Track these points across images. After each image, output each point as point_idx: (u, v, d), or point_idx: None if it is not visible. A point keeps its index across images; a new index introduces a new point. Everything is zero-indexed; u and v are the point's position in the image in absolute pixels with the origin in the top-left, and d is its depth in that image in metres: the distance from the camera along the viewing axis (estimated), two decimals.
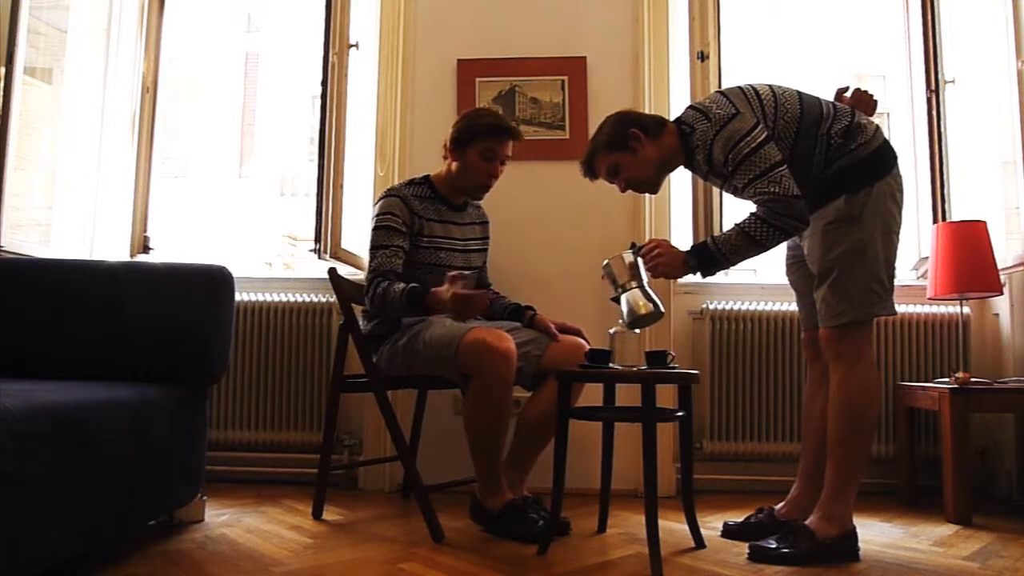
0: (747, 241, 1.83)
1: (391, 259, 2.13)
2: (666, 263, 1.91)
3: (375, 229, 2.18)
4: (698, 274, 1.92)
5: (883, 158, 1.90)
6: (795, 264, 2.10)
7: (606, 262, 1.98)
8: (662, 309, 1.95)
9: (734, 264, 1.90)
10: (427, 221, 2.23)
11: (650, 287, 1.98)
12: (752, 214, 1.83)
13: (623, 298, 1.94)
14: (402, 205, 2.20)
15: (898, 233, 1.93)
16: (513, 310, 2.34)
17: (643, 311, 1.91)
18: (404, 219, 2.18)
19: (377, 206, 2.22)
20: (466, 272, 2.03)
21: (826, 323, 1.90)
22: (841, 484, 1.86)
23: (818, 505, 1.89)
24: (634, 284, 1.93)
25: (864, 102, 2.00)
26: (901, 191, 1.93)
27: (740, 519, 2.10)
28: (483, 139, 2.20)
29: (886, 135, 1.95)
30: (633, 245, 1.99)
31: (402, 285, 2.05)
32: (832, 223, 1.86)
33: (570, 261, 2.79)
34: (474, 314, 2.00)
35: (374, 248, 2.16)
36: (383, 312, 2.11)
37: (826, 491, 1.88)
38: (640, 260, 1.96)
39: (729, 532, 2.07)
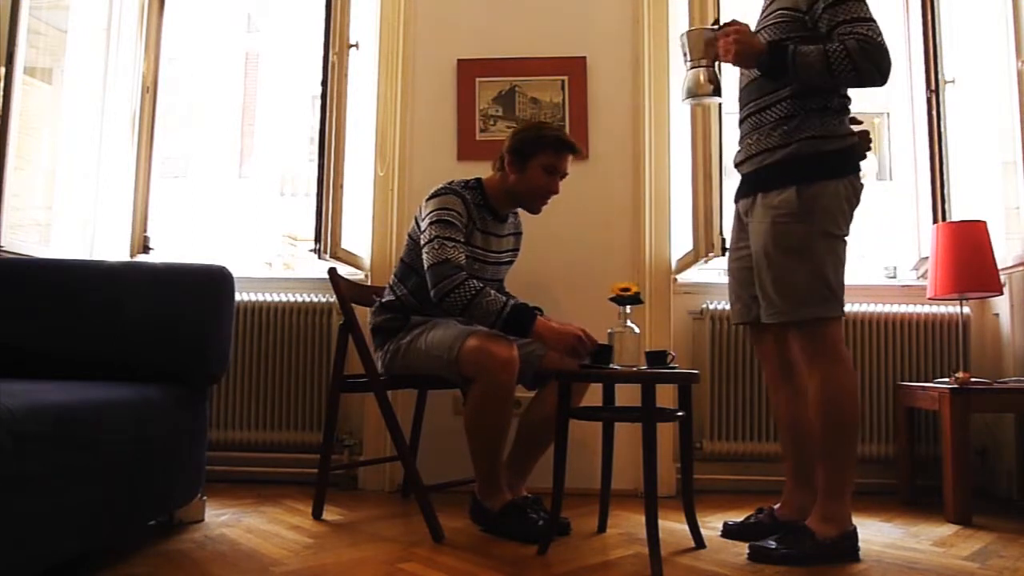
0: (822, 65, 1.79)
1: (462, 254, 2.07)
2: (740, 50, 1.86)
3: (440, 221, 2.09)
4: (764, 70, 1.89)
5: (846, 159, 1.88)
6: (747, 255, 2.03)
7: (684, 32, 1.99)
8: (721, 95, 1.99)
9: (798, 79, 1.84)
10: (475, 230, 2.19)
11: (718, 70, 2.00)
12: (840, 45, 1.78)
13: (688, 72, 1.97)
14: (463, 206, 2.15)
15: (846, 236, 1.89)
16: None
17: (702, 90, 1.94)
18: (463, 220, 2.13)
19: (438, 199, 2.15)
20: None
21: (768, 319, 1.90)
22: (835, 485, 1.86)
23: (816, 506, 1.89)
24: (703, 62, 1.95)
25: (862, 139, 1.98)
26: (857, 200, 1.90)
27: (740, 519, 2.10)
28: (547, 154, 2.15)
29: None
30: (716, 23, 1.99)
31: (501, 296, 2.01)
32: (783, 215, 1.85)
33: (571, 261, 2.79)
34: (580, 354, 1.98)
35: (442, 237, 2.05)
36: (456, 307, 1.99)
37: (822, 493, 1.88)
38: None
39: (729, 532, 2.07)
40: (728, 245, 2.15)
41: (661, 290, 2.76)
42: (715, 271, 2.95)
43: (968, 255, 2.50)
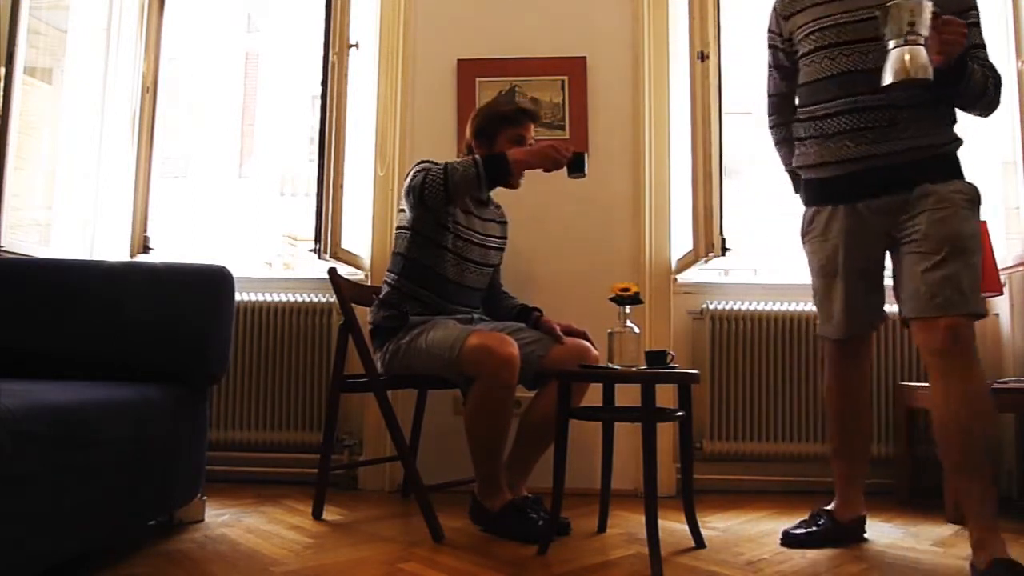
0: (982, 85, 1.77)
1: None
2: (958, 42, 1.68)
3: (416, 174, 2.11)
4: (951, 74, 1.73)
5: None
6: (875, 258, 1.92)
7: (913, 2, 1.64)
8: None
9: (962, 93, 1.77)
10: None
11: None
12: (991, 72, 1.79)
13: (907, 49, 1.64)
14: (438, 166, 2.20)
15: None
16: (520, 311, 2.35)
17: (923, 74, 1.64)
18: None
19: (415, 167, 2.16)
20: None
21: (936, 312, 1.70)
22: (992, 503, 1.75)
23: (978, 536, 1.73)
24: (923, 41, 1.66)
25: None
26: None
27: (799, 528, 2.01)
28: (509, 127, 2.24)
29: None
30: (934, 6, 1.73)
31: (466, 158, 2.09)
32: (967, 202, 1.77)
33: (571, 261, 2.79)
34: (558, 161, 2.06)
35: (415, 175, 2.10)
36: (439, 191, 2.02)
37: (983, 517, 1.74)
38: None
39: (794, 540, 1.97)
40: (838, 255, 1.92)
41: (661, 290, 2.76)
42: (715, 271, 2.95)
43: None
